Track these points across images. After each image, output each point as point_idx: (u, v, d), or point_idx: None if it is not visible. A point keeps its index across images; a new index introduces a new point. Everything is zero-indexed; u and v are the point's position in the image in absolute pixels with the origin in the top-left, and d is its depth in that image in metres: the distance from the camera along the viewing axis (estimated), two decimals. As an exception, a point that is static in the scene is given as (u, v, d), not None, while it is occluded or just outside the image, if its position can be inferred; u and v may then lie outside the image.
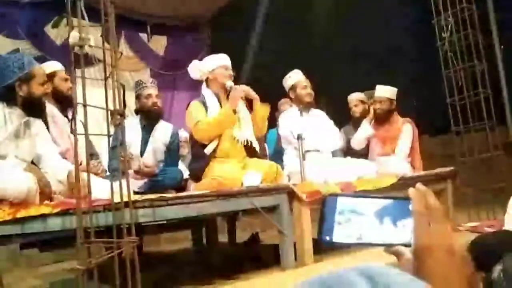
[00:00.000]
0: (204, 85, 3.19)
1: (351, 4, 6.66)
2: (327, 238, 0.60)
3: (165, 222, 2.81)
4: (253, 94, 3.04)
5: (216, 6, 6.55)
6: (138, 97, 3.40)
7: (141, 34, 6.43)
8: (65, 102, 2.97)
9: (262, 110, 3.10)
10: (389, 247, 0.62)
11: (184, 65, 6.82)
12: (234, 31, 6.85)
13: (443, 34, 3.79)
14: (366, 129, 3.93)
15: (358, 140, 3.95)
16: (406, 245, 0.61)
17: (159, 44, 6.64)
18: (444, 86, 3.89)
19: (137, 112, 3.49)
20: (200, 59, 6.98)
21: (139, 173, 3.16)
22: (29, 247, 4.99)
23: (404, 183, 3.21)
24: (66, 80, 2.99)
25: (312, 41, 7.11)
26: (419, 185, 0.62)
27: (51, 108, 2.83)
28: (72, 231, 1.87)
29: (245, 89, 3.04)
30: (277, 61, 6.02)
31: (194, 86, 6.94)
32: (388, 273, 0.40)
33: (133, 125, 3.32)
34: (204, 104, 3.05)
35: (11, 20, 5.38)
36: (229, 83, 3.01)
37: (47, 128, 2.57)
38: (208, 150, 2.93)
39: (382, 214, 0.60)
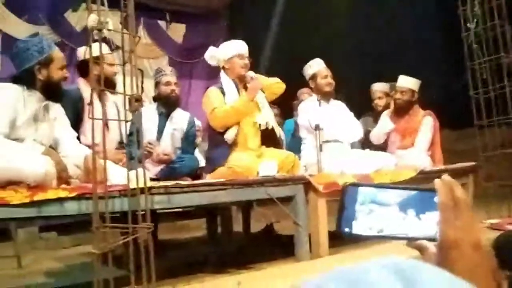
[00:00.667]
0: (222, 72, 3.17)
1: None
2: (346, 229, 0.57)
3: (180, 209, 2.82)
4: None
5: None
6: (157, 84, 3.41)
7: (160, 22, 6.42)
8: (107, 87, 2.93)
9: (275, 87, 3.09)
10: (411, 241, 0.59)
11: (202, 54, 6.86)
12: (252, 19, 6.80)
13: (468, 24, 3.66)
14: (385, 123, 3.84)
15: (377, 135, 3.88)
16: (430, 239, 0.57)
17: (177, 32, 6.62)
18: (467, 78, 3.77)
19: (155, 99, 3.49)
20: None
21: (157, 160, 3.16)
22: (47, 231, 5.13)
23: (424, 177, 3.14)
24: (111, 65, 2.96)
25: (332, 30, 7.01)
26: (445, 176, 0.58)
27: (88, 95, 2.81)
28: (88, 215, 1.89)
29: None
30: (296, 50, 5.96)
31: (211, 75, 6.93)
32: (421, 268, 0.35)
33: (150, 112, 3.32)
34: (222, 90, 3.03)
35: (32, 5, 5.44)
36: (250, 73, 3.00)
37: (79, 115, 2.57)
38: (228, 137, 2.92)
39: (405, 205, 0.57)
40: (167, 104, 3.39)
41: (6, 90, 2.12)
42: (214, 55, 3.16)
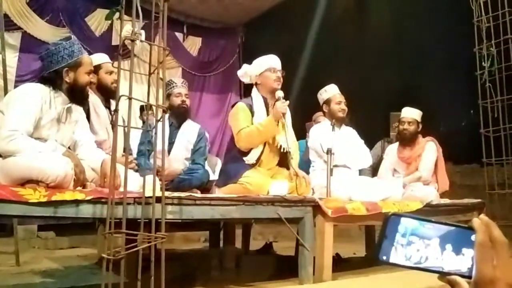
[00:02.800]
0: (254, 90, 3.15)
1: (393, 28, 6.65)
2: (384, 257, 0.59)
3: (186, 220, 2.82)
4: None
5: (255, 12, 6.59)
6: (168, 96, 3.45)
7: (177, 34, 6.52)
8: (108, 95, 3.02)
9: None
10: (444, 275, 0.61)
11: (216, 68, 6.99)
12: (267, 38, 6.90)
13: (483, 63, 3.73)
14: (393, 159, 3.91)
15: (385, 172, 3.93)
16: (463, 276, 0.59)
17: (193, 44, 6.73)
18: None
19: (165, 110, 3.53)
20: (233, 63, 7.06)
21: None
22: (45, 230, 5.12)
23: (430, 209, 3.16)
24: (111, 73, 3.04)
25: (349, 55, 7.12)
26: (483, 216, 0.61)
27: (94, 99, 2.89)
28: (90, 219, 1.89)
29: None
30: (310, 71, 6.03)
31: (223, 90, 7.03)
32: None
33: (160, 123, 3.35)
34: (250, 108, 3.03)
35: (55, 7, 5.54)
36: (279, 93, 2.97)
37: (88, 117, 2.62)
38: (248, 158, 2.93)
39: (444, 240, 0.59)
40: (177, 115, 3.44)
41: (34, 90, 2.16)
42: (246, 71, 3.15)
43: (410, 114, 3.90)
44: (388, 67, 6.81)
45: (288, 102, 2.98)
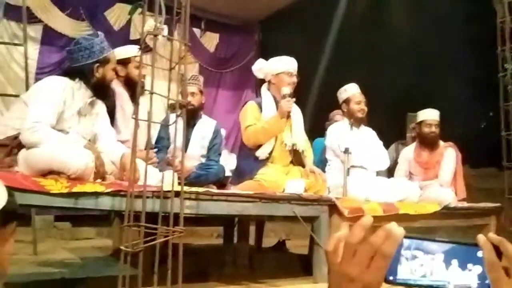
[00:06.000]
0: (265, 86, 3.18)
1: (411, 28, 6.58)
2: (391, 278, 0.59)
3: (202, 216, 2.84)
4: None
5: (273, 8, 6.56)
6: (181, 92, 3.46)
7: (194, 29, 6.52)
8: (135, 89, 3.02)
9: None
10: None
11: (232, 64, 6.99)
12: (285, 35, 6.88)
13: (506, 65, 3.66)
14: (402, 172, 3.86)
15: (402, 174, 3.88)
16: None
17: (211, 40, 6.73)
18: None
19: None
20: (249, 60, 7.04)
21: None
22: (62, 220, 5.21)
23: (448, 212, 3.12)
24: (138, 68, 3.02)
25: (360, 53, 7.07)
26: (492, 235, 0.60)
27: (122, 92, 2.90)
28: (106, 211, 1.91)
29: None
30: (328, 71, 6.01)
31: (238, 87, 7.03)
32: None
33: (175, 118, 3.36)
34: (260, 106, 3.05)
35: (75, 1, 5.60)
36: (285, 90, 2.98)
37: (113, 112, 2.65)
38: (259, 154, 2.94)
39: (450, 255, 0.58)
40: (187, 115, 3.43)
41: (58, 83, 2.20)
42: (262, 68, 3.16)
43: (435, 116, 3.79)
44: (405, 67, 6.75)
45: (293, 99, 2.98)
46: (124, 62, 2.87)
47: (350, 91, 3.49)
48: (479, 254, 0.57)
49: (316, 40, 7.15)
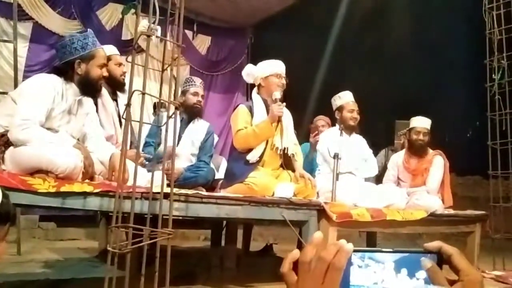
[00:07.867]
0: (255, 90, 3.19)
1: (401, 40, 6.66)
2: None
3: (190, 218, 2.82)
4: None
5: (265, 13, 6.59)
6: (184, 92, 3.46)
7: (187, 32, 6.52)
8: (115, 87, 3.03)
9: None
10: None
11: (223, 67, 7.00)
12: (276, 38, 6.92)
13: (493, 75, 3.73)
14: (391, 177, 3.89)
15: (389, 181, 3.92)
16: None
17: (202, 43, 6.74)
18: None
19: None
20: (241, 63, 7.06)
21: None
22: (47, 220, 5.13)
23: (434, 219, 3.16)
24: (119, 65, 3.05)
25: (350, 58, 7.13)
26: (427, 244, 0.61)
27: (103, 92, 2.89)
28: (96, 213, 1.89)
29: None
30: (316, 76, 6.04)
31: (229, 90, 7.04)
32: None
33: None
34: (251, 109, 3.06)
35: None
36: (277, 95, 2.99)
37: (96, 110, 2.63)
38: (250, 157, 2.93)
39: (399, 264, 0.61)
40: (190, 113, 3.45)
41: (48, 81, 2.17)
42: (251, 72, 3.18)
43: (425, 124, 3.84)
44: (394, 75, 6.82)
45: (284, 104, 2.99)
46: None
47: (344, 99, 3.53)
48: (422, 260, 0.60)
49: (308, 45, 7.20)
